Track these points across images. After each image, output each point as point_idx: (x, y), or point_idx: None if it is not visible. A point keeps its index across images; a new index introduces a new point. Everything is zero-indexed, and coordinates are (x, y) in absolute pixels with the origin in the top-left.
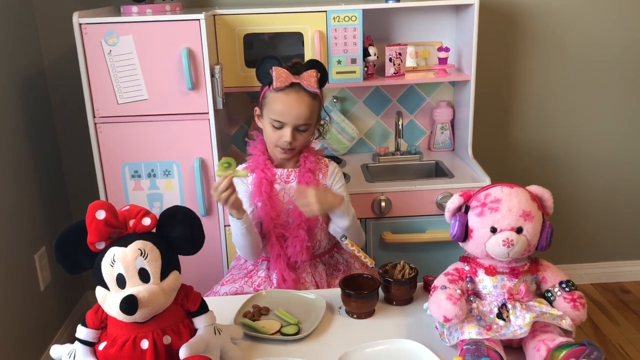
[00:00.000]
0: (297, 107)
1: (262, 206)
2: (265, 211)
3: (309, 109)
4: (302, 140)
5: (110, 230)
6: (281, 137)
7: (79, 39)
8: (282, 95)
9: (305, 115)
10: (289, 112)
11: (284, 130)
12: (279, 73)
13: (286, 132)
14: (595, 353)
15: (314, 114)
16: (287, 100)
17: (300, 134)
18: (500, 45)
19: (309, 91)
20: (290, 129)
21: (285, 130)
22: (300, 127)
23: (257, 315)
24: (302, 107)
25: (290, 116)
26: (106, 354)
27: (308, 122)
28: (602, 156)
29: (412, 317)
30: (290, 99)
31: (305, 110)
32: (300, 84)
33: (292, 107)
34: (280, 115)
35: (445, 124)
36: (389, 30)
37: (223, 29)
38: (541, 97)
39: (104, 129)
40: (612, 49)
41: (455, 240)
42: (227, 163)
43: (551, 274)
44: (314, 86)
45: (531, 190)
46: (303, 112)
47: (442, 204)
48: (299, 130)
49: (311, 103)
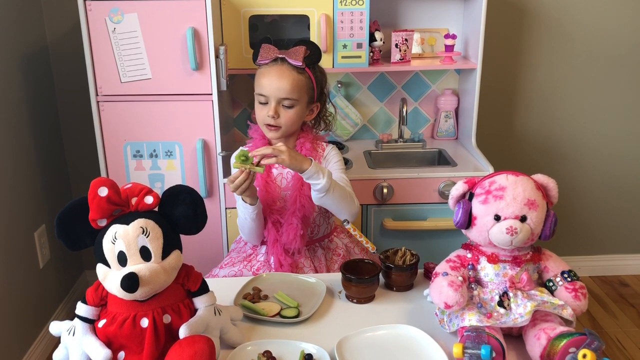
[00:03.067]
0: (278, 80)
1: (259, 191)
2: (262, 196)
3: (291, 82)
4: (289, 118)
5: (112, 208)
6: (266, 113)
7: (83, 16)
8: (265, 69)
9: (287, 88)
10: (270, 84)
11: (268, 106)
12: (265, 48)
13: (269, 107)
14: (596, 343)
15: (299, 89)
16: (269, 73)
17: (286, 111)
18: (508, 35)
19: (293, 65)
20: (273, 102)
21: (269, 105)
22: (285, 103)
23: (256, 297)
24: (283, 80)
25: (271, 88)
26: (106, 331)
27: (292, 97)
28: (604, 150)
29: (412, 304)
30: (272, 71)
31: (287, 84)
32: (284, 58)
33: (273, 79)
34: (262, 88)
35: (449, 112)
36: (396, 16)
37: (228, 10)
38: (546, 89)
39: (106, 108)
40: (620, 44)
41: (459, 227)
42: (244, 156)
43: (553, 264)
44: (299, 59)
45: (536, 179)
46: (284, 85)
47: (445, 192)
48: (284, 107)
49: (295, 77)
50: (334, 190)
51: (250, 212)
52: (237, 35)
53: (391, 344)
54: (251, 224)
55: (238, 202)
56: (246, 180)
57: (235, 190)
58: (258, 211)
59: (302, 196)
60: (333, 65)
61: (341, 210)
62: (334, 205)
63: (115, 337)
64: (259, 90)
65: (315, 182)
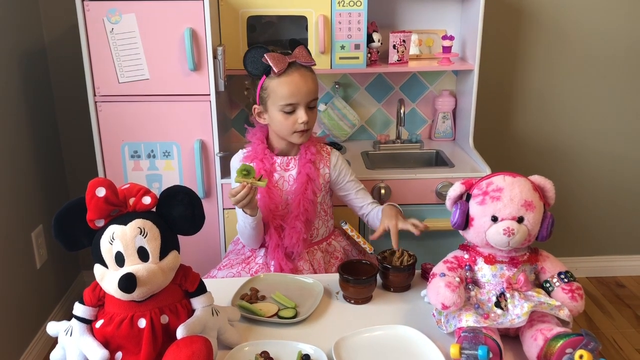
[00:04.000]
0: (304, 84)
1: (261, 198)
2: (264, 203)
3: (313, 82)
4: (314, 118)
5: (110, 208)
6: (296, 120)
7: (81, 16)
8: (285, 78)
9: (313, 89)
10: (299, 91)
11: (297, 113)
12: (274, 57)
13: (300, 113)
14: (593, 344)
15: (317, 87)
16: (292, 80)
17: (312, 111)
18: (505, 36)
19: (306, 66)
20: (303, 108)
21: (299, 112)
22: (310, 104)
23: (254, 298)
24: (308, 82)
25: (300, 95)
26: (103, 331)
27: (316, 97)
28: (602, 151)
29: (409, 304)
30: (295, 79)
31: (311, 84)
32: (296, 62)
33: (300, 85)
34: (290, 97)
35: (447, 113)
36: (394, 17)
37: (226, 11)
38: (544, 90)
39: (104, 108)
40: (617, 44)
41: (456, 228)
42: (246, 170)
43: (550, 265)
44: (309, 59)
45: (533, 180)
46: (310, 87)
47: (442, 193)
48: (310, 108)
49: (312, 76)
50: None
51: (250, 222)
52: (235, 35)
53: (388, 344)
54: (251, 231)
55: (238, 211)
56: (248, 195)
57: (236, 204)
58: (258, 221)
59: (305, 200)
60: (331, 66)
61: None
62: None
63: (113, 337)
64: (285, 100)
65: None
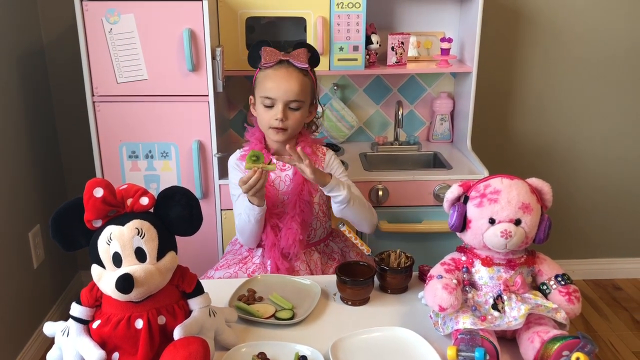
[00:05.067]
0: (286, 82)
1: None
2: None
3: (299, 84)
4: (295, 120)
5: (107, 209)
6: (273, 116)
7: (80, 16)
8: (271, 72)
9: (295, 90)
10: (278, 87)
11: (275, 109)
12: (267, 51)
13: (277, 109)
14: (589, 346)
15: (305, 91)
16: (276, 76)
17: (293, 113)
18: (503, 39)
19: (298, 67)
20: (281, 105)
21: (276, 108)
22: (292, 105)
23: (251, 299)
24: (291, 82)
25: (279, 91)
26: (100, 332)
27: (300, 99)
28: (599, 153)
29: (406, 306)
30: (279, 74)
31: (295, 85)
32: (289, 61)
33: (281, 82)
34: (269, 91)
35: (445, 115)
36: (392, 19)
37: (225, 11)
38: (541, 93)
39: (102, 108)
40: (614, 47)
41: (453, 230)
42: (256, 156)
43: (547, 267)
44: (304, 62)
45: (531, 183)
46: (293, 87)
47: (440, 195)
48: (291, 109)
49: (302, 79)
50: (353, 202)
51: (256, 213)
52: (233, 36)
53: (386, 346)
54: (254, 225)
55: (240, 206)
56: (259, 180)
57: (248, 190)
58: (263, 213)
59: (301, 201)
60: (329, 67)
61: (362, 220)
62: (355, 216)
63: (110, 338)
64: (265, 93)
65: (336, 194)
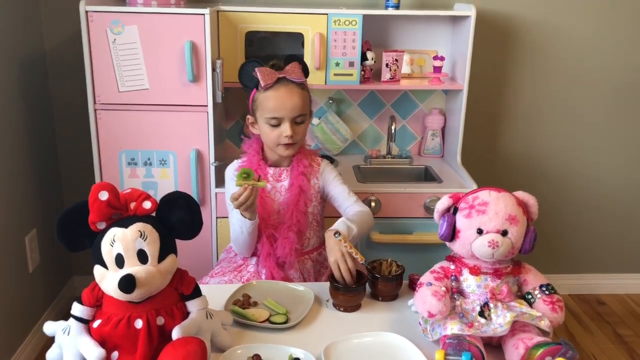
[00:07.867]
0: (289, 100)
1: None
2: (257, 211)
3: (301, 98)
4: (302, 132)
5: (111, 211)
6: (281, 134)
7: (85, 26)
8: (272, 93)
9: (299, 105)
10: (283, 106)
11: (282, 127)
12: (263, 72)
13: (285, 127)
14: (570, 352)
15: (306, 104)
16: (278, 96)
17: (299, 126)
18: (494, 57)
19: (296, 82)
20: (288, 122)
21: (283, 126)
22: (297, 119)
23: (246, 303)
24: (294, 98)
25: (285, 110)
26: (100, 331)
27: (303, 112)
28: (585, 170)
29: (397, 313)
30: (280, 94)
31: (297, 101)
32: (286, 78)
33: (285, 100)
34: (275, 111)
35: (436, 130)
36: (387, 37)
37: (225, 25)
38: (529, 110)
39: (103, 116)
40: (602, 65)
41: (443, 239)
42: (246, 173)
43: (532, 277)
44: (300, 75)
45: (517, 196)
46: (296, 103)
47: (430, 208)
48: (297, 123)
49: (301, 93)
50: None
51: (248, 226)
52: (233, 49)
53: (376, 350)
54: (247, 237)
55: (234, 217)
56: (250, 196)
57: (239, 207)
58: (255, 226)
59: (297, 211)
60: (325, 82)
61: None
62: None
63: (110, 337)
64: (270, 114)
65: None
